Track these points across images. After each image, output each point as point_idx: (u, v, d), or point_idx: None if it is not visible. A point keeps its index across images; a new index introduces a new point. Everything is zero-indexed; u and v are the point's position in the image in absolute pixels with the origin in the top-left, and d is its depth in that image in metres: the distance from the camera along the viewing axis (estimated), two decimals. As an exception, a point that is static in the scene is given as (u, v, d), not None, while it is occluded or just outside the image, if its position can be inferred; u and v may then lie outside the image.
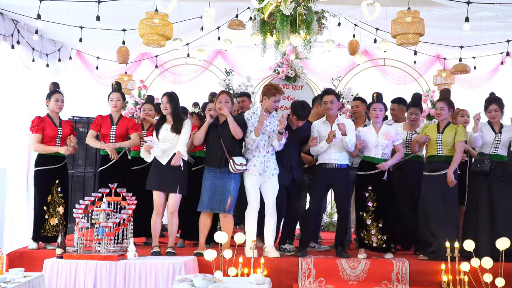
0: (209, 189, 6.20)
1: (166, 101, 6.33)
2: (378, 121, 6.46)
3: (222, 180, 6.20)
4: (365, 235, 6.30)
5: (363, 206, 6.32)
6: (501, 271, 5.60)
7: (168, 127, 6.30)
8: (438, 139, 6.34)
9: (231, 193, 6.20)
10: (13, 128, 8.77)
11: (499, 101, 6.42)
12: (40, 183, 6.61)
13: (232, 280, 5.18)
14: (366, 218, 6.29)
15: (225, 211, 6.19)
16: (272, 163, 6.28)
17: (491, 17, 7.78)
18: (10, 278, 4.72)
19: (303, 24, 8.01)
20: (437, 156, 6.33)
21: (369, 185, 6.30)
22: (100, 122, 6.75)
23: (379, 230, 6.25)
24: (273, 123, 6.34)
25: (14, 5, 7.70)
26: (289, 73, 9.87)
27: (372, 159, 6.36)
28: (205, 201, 6.20)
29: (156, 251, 6.15)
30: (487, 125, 6.47)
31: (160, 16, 6.42)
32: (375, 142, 6.36)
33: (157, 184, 6.26)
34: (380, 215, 6.26)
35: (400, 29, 6.41)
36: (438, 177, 6.28)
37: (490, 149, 6.37)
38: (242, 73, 10.53)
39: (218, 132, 6.28)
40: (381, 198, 6.28)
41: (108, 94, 6.83)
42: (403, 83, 10.72)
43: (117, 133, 6.71)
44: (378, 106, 6.47)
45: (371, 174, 6.31)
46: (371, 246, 6.29)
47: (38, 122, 6.56)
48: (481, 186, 6.35)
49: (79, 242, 5.67)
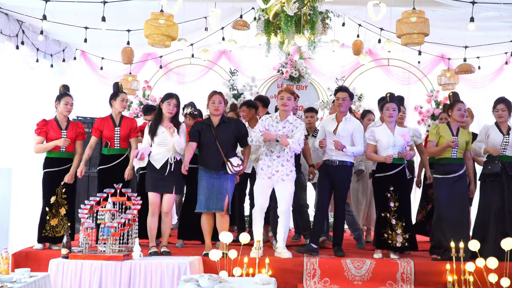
0: (206, 189, 6.18)
1: (175, 104, 6.31)
2: (392, 121, 6.46)
3: (218, 180, 6.19)
4: (390, 235, 6.28)
5: (386, 206, 6.31)
6: (506, 271, 5.61)
7: (164, 130, 6.26)
8: (455, 141, 6.32)
9: (227, 192, 6.20)
10: (17, 129, 8.77)
11: (508, 102, 6.46)
12: (46, 185, 6.68)
13: (238, 280, 5.18)
14: (390, 218, 6.28)
15: (222, 210, 6.18)
16: (285, 168, 6.18)
17: (495, 17, 7.76)
18: (16, 278, 4.75)
19: (307, 24, 8.00)
20: (451, 158, 6.33)
21: (390, 186, 6.31)
22: (101, 126, 6.76)
23: (403, 229, 6.26)
24: (288, 128, 6.23)
25: (19, 6, 7.71)
26: (293, 73, 9.89)
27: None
28: (202, 201, 6.20)
29: (154, 251, 6.17)
30: (494, 127, 6.47)
31: (166, 17, 6.42)
32: (392, 142, 6.35)
33: (153, 185, 6.27)
34: (403, 215, 6.28)
35: (406, 29, 6.40)
36: (451, 179, 6.29)
37: (500, 151, 6.37)
38: (246, 73, 10.52)
39: (213, 134, 6.23)
40: (402, 197, 6.30)
41: (115, 94, 6.81)
42: (407, 83, 10.69)
43: (121, 135, 6.72)
44: (392, 105, 6.47)
45: (391, 175, 6.32)
46: (394, 246, 6.27)
47: (41, 125, 6.65)
48: (493, 187, 6.35)
49: (85, 242, 5.69)
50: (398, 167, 6.34)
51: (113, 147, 6.76)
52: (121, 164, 6.72)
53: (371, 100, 9.70)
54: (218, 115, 6.29)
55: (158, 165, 6.24)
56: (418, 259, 6.26)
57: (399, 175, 6.33)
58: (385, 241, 6.30)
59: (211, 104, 6.27)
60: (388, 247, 6.30)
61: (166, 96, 6.38)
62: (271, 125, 6.23)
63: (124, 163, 6.73)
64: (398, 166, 6.35)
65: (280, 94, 6.32)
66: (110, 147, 6.78)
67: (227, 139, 6.23)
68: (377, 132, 6.45)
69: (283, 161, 6.19)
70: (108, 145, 6.82)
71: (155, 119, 6.37)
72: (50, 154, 6.68)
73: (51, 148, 6.60)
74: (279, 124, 6.23)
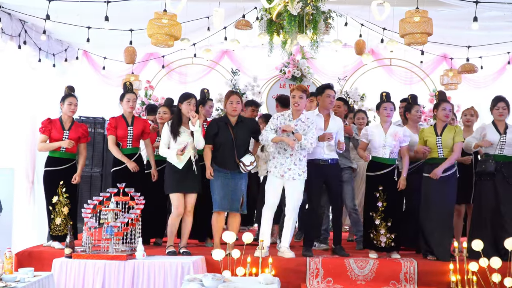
0: (221, 189, 6.17)
1: (194, 103, 6.28)
2: (388, 121, 6.46)
3: (233, 180, 6.18)
4: (374, 235, 6.29)
5: (373, 206, 6.31)
6: (509, 271, 5.60)
7: (187, 131, 6.26)
8: (438, 141, 6.33)
9: (243, 192, 6.20)
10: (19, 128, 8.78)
11: (507, 100, 6.47)
12: (47, 184, 6.71)
13: (241, 280, 5.18)
14: (375, 218, 6.28)
15: (238, 210, 6.19)
16: (297, 168, 6.14)
17: (499, 17, 7.75)
18: (20, 277, 4.74)
19: (309, 24, 8.01)
20: (437, 158, 6.32)
21: (379, 185, 6.30)
22: (115, 124, 6.74)
23: (388, 229, 6.26)
24: (300, 127, 6.15)
25: (22, 5, 7.71)
26: (295, 73, 9.88)
27: (380, 159, 6.37)
28: (217, 200, 6.18)
29: (172, 250, 6.16)
30: (491, 126, 6.47)
31: (169, 16, 6.43)
32: (383, 142, 6.36)
33: (177, 186, 6.23)
34: (389, 215, 6.27)
35: (409, 29, 6.39)
36: (440, 179, 6.24)
37: (495, 150, 6.36)
38: (248, 73, 10.52)
39: (231, 134, 6.21)
40: (391, 198, 6.28)
41: (122, 95, 6.81)
42: (409, 83, 10.70)
43: (134, 134, 6.72)
44: (389, 105, 6.47)
45: (381, 174, 6.31)
46: (379, 246, 6.28)
47: (46, 124, 6.69)
48: (486, 186, 6.34)
49: (88, 242, 5.69)
50: (389, 167, 6.34)
51: (125, 147, 6.74)
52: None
53: (373, 100, 9.71)
54: (235, 115, 6.28)
55: (181, 165, 6.24)
56: (421, 259, 6.25)
57: (389, 175, 6.32)
58: (371, 241, 6.31)
59: (229, 104, 6.24)
60: (373, 247, 6.31)
61: (185, 96, 6.30)
62: (283, 123, 6.19)
63: (137, 162, 6.73)
64: (389, 167, 6.34)
65: (292, 93, 6.28)
66: (122, 147, 6.75)
67: (245, 138, 6.26)
68: (371, 131, 6.47)
69: (296, 160, 6.15)
70: (120, 146, 6.79)
71: (176, 120, 6.30)
72: (52, 154, 6.70)
73: (55, 148, 6.61)
74: (291, 122, 6.19)
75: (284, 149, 6.17)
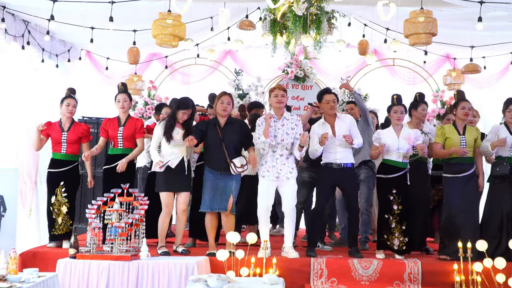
0: (210, 189, 6.21)
1: (189, 114, 6.32)
2: (399, 124, 6.41)
3: (223, 180, 6.21)
4: (388, 237, 6.27)
5: (388, 209, 6.28)
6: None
7: (180, 131, 6.29)
8: (462, 140, 6.31)
9: (232, 192, 6.20)
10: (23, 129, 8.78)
11: None
12: (49, 185, 6.76)
13: (246, 280, 5.19)
14: (391, 222, 6.26)
15: (226, 209, 6.19)
16: (287, 167, 6.18)
17: (504, 17, 7.74)
18: (24, 278, 4.75)
19: (313, 24, 8.00)
20: (461, 158, 6.28)
21: (393, 188, 6.27)
22: (106, 126, 6.80)
23: (402, 232, 6.25)
24: (287, 125, 6.22)
25: (25, 6, 7.72)
26: (298, 73, 9.88)
27: (394, 162, 6.31)
28: (206, 200, 6.22)
29: (165, 251, 6.17)
30: (504, 127, 6.42)
31: (173, 17, 6.43)
32: (397, 146, 6.30)
33: (166, 185, 6.27)
34: (404, 218, 6.26)
35: (413, 29, 6.39)
36: (462, 178, 6.27)
37: (508, 152, 6.33)
38: (251, 73, 10.53)
39: (219, 134, 6.23)
40: (405, 201, 6.27)
41: (115, 96, 6.84)
42: (412, 83, 10.69)
43: (124, 135, 6.71)
44: (400, 108, 6.44)
45: (394, 177, 6.29)
46: (392, 248, 6.27)
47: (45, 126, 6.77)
48: (502, 189, 6.29)
49: (92, 242, 5.69)
50: (401, 171, 6.31)
51: (117, 147, 6.76)
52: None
53: (376, 100, 9.71)
54: (225, 116, 6.29)
55: (173, 164, 6.25)
56: (425, 259, 6.25)
57: (401, 178, 6.30)
58: (384, 242, 6.30)
59: (219, 104, 6.26)
60: (387, 248, 6.30)
61: (183, 105, 6.31)
62: (270, 125, 6.19)
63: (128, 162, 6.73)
64: (401, 170, 6.32)
65: (274, 92, 6.29)
66: (114, 146, 6.79)
67: (233, 139, 6.24)
68: (383, 134, 6.43)
69: (284, 160, 6.19)
70: (112, 145, 6.83)
71: (169, 124, 6.31)
72: (54, 156, 6.76)
73: (36, 139, 6.73)
74: (277, 122, 6.21)
75: (273, 150, 6.20)
